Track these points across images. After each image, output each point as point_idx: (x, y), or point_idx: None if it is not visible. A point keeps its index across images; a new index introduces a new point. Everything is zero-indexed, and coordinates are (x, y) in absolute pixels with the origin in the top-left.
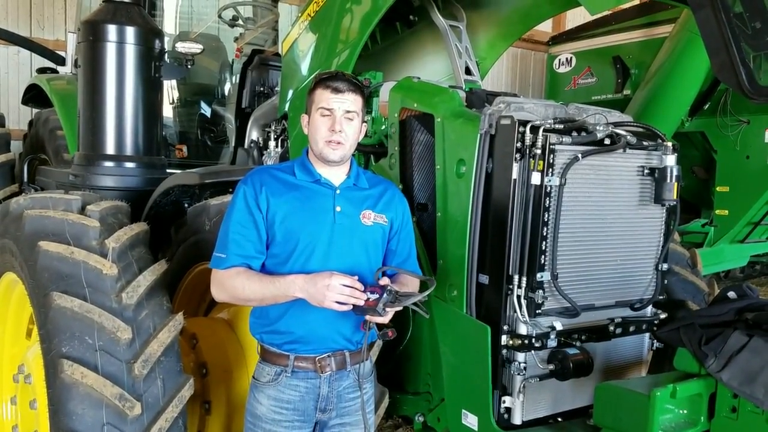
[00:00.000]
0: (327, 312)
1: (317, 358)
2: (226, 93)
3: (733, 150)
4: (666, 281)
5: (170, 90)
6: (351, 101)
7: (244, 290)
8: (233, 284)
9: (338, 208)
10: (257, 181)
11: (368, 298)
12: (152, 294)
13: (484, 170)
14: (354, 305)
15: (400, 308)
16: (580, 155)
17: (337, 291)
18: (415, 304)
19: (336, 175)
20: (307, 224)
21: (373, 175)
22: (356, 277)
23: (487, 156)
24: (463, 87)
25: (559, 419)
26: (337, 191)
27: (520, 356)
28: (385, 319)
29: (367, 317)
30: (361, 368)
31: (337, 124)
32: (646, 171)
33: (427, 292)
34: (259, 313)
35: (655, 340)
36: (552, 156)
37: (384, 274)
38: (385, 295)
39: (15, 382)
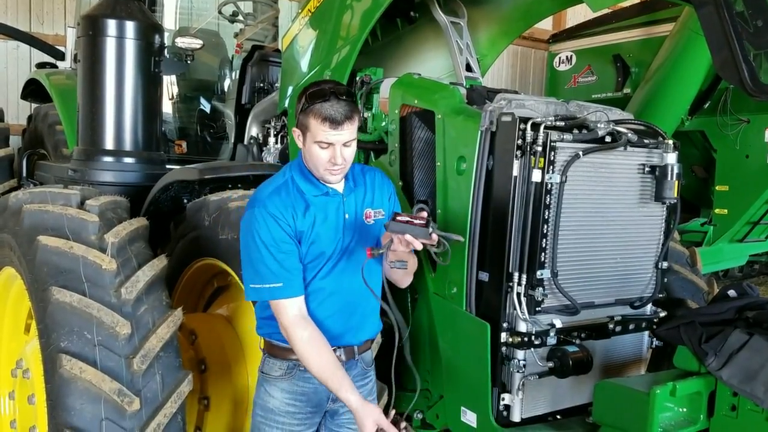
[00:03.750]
0: (337, 312)
1: None
2: (226, 89)
3: (733, 149)
4: (665, 279)
5: (170, 85)
6: (349, 131)
7: (309, 362)
8: (300, 348)
9: (347, 215)
10: (279, 205)
11: (410, 221)
12: (151, 289)
13: (485, 167)
14: (405, 221)
15: (435, 240)
16: (581, 153)
17: None
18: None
19: (338, 183)
20: (326, 234)
21: (361, 166)
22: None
23: (487, 153)
24: (464, 84)
25: (558, 417)
26: (344, 198)
27: (520, 354)
28: (419, 245)
29: (409, 237)
30: (366, 356)
31: (338, 157)
32: (646, 169)
33: (459, 238)
34: (269, 316)
35: (655, 339)
36: (553, 153)
37: (422, 210)
38: (432, 223)
39: (13, 377)
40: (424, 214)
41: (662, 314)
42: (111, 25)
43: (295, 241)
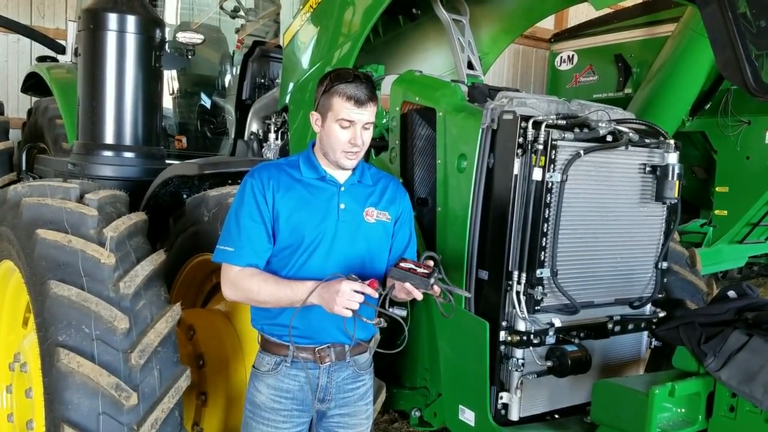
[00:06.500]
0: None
1: (317, 349)
2: (227, 84)
3: (734, 150)
4: (665, 280)
5: (170, 80)
6: (370, 112)
7: (260, 293)
8: (248, 286)
9: (342, 206)
10: (265, 176)
11: (414, 269)
12: (150, 284)
13: (486, 165)
14: (408, 269)
15: (437, 292)
16: (582, 151)
17: (347, 297)
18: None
19: (342, 173)
20: (311, 220)
21: (378, 171)
22: (368, 282)
23: (488, 151)
24: (466, 81)
25: (556, 416)
26: (342, 188)
27: (519, 352)
28: (420, 295)
29: (409, 285)
30: (361, 359)
31: (358, 138)
32: (647, 169)
33: (465, 293)
34: (262, 308)
35: (654, 339)
36: (554, 152)
37: (431, 258)
38: (436, 274)
39: (11, 371)
40: (431, 263)
41: (661, 314)
42: (112, 19)
43: (268, 215)
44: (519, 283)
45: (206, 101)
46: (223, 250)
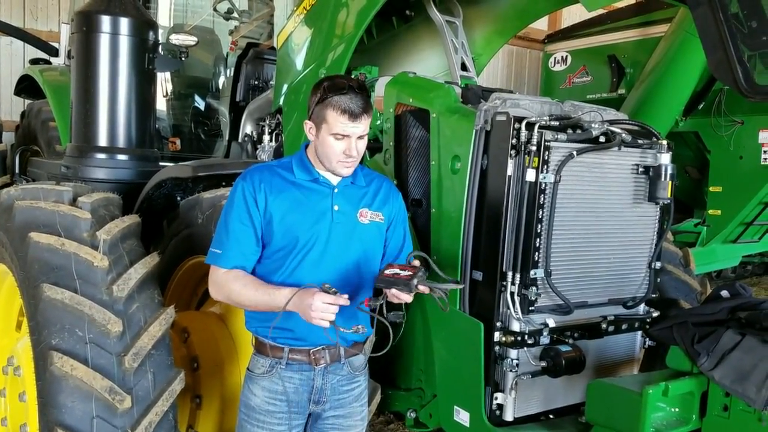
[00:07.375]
0: None
1: (311, 351)
2: (221, 86)
3: (727, 150)
4: (659, 280)
5: (164, 82)
6: (365, 124)
7: (240, 296)
8: (231, 288)
9: (336, 207)
10: (256, 179)
11: (397, 273)
12: (143, 287)
13: (479, 166)
14: (391, 275)
15: (426, 291)
16: (575, 152)
17: (320, 310)
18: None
19: (335, 175)
20: (304, 222)
21: (370, 172)
22: (341, 296)
23: (482, 152)
24: (459, 83)
25: (551, 416)
26: (335, 190)
27: (513, 353)
28: (409, 298)
29: (394, 290)
30: (355, 361)
31: (353, 149)
32: (640, 169)
33: (456, 286)
34: (244, 308)
35: (647, 338)
36: (547, 153)
37: (417, 258)
38: (420, 273)
39: (4, 374)
40: (417, 263)
41: (655, 314)
42: (105, 21)
43: (258, 218)
44: (513, 283)
45: (200, 103)
46: (212, 252)
